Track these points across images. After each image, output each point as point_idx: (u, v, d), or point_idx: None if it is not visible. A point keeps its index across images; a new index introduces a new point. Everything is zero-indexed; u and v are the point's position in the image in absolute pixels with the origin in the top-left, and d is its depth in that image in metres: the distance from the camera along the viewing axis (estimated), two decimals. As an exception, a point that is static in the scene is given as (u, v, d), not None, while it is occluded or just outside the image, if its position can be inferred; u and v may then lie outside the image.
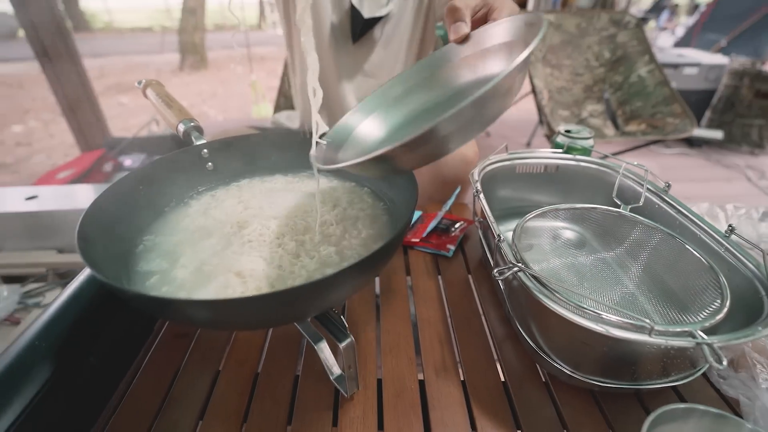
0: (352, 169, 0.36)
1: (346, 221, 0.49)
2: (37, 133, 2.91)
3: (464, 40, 0.45)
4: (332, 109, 0.93)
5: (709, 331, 0.35)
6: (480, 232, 0.62)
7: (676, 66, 2.43)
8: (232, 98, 3.79)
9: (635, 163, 0.60)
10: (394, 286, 0.59)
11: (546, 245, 0.56)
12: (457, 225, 0.70)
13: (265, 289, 0.39)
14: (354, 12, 0.80)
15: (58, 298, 0.44)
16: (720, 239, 0.47)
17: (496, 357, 0.48)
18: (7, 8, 2.21)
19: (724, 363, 0.31)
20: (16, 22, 2.15)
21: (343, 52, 0.87)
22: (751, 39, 2.60)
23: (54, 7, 1.90)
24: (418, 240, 0.67)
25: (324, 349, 0.40)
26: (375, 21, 0.81)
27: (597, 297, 0.48)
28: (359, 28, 0.82)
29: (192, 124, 0.53)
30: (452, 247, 0.66)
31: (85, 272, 0.47)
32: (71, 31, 2.03)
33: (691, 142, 2.35)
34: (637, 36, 2.13)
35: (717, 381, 0.44)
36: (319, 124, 0.42)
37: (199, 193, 0.55)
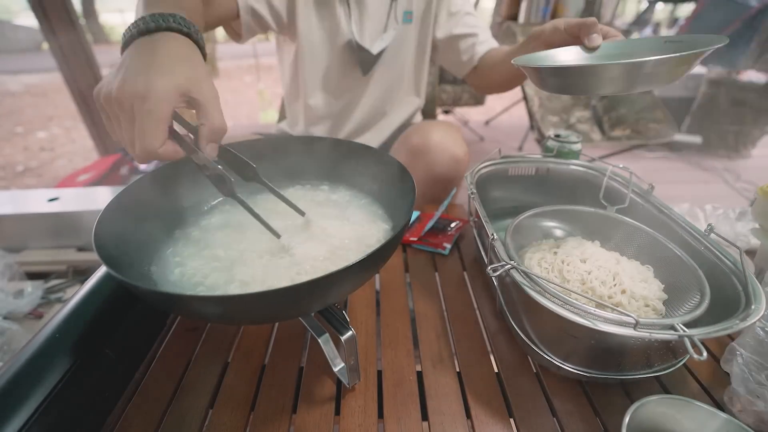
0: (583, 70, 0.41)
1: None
2: (60, 138, 2.90)
3: (594, 50, 0.50)
4: (345, 131, 0.94)
5: (690, 325, 0.34)
6: (475, 231, 0.61)
7: (657, 75, 2.42)
8: (242, 105, 3.78)
9: (620, 166, 0.60)
10: (393, 282, 0.59)
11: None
12: (452, 224, 0.70)
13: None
14: (361, 50, 0.80)
15: (78, 293, 0.44)
16: (700, 238, 0.47)
17: (489, 349, 0.48)
18: (33, 23, 2.21)
19: (704, 354, 0.31)
20: (40, 35, 2.15)
21: (353, 83, 0.88)
22: (726, 50, 2.58)
23: (75, 22, 1.90)
24: (416, 239, 0.67)
25: (327, 342, 0.40)
26: (382, 52, 0.82)
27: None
28: (368, 63, 0.82)
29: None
30: (448, 246, 0.65)
31: (102, 269, 0.47)
32: (91, 43, 2.03)
33: (672, 147, 2.34)
34: (622, 47, 2.12)
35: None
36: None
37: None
